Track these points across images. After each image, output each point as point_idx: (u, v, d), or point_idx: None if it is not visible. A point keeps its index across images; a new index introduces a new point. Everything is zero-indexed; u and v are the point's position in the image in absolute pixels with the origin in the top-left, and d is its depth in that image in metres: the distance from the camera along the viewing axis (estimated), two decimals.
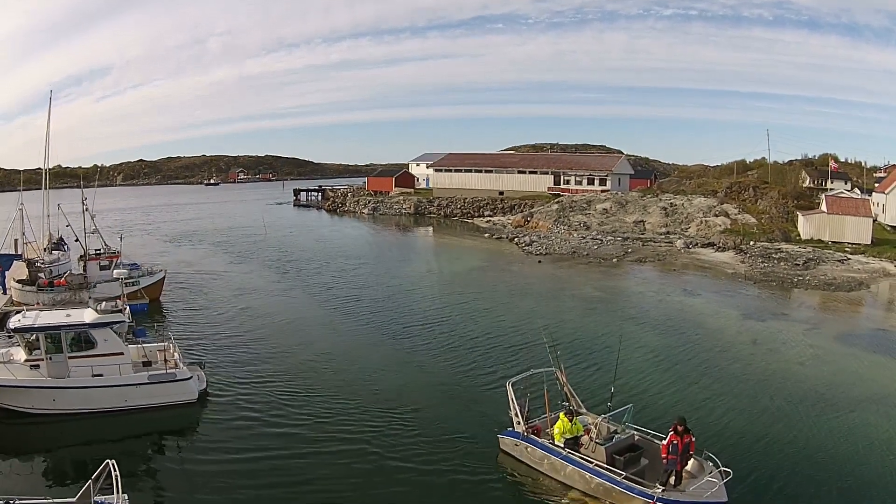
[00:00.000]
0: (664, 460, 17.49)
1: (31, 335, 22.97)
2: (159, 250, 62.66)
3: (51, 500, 14.67)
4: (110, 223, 75.42)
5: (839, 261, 53.61)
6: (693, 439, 17.48)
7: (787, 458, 20.86)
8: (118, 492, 13.90)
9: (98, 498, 14.32)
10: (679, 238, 66.79)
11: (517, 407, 20.97)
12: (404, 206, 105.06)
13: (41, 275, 38.99)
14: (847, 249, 57.84)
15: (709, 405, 25.15)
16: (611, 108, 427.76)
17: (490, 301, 42.81)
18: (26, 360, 22.85)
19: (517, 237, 73.28)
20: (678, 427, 17.32)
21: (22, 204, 43.22)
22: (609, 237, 69.03)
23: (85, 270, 40.62)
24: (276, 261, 59.52)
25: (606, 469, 18.29)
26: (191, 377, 24.39)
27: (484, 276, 53.32)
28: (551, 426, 20.28)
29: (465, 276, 53.91)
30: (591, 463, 18.61)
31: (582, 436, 19.60)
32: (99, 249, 41.94)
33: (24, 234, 43.74)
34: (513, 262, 60.70)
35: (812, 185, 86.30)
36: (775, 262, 54.55)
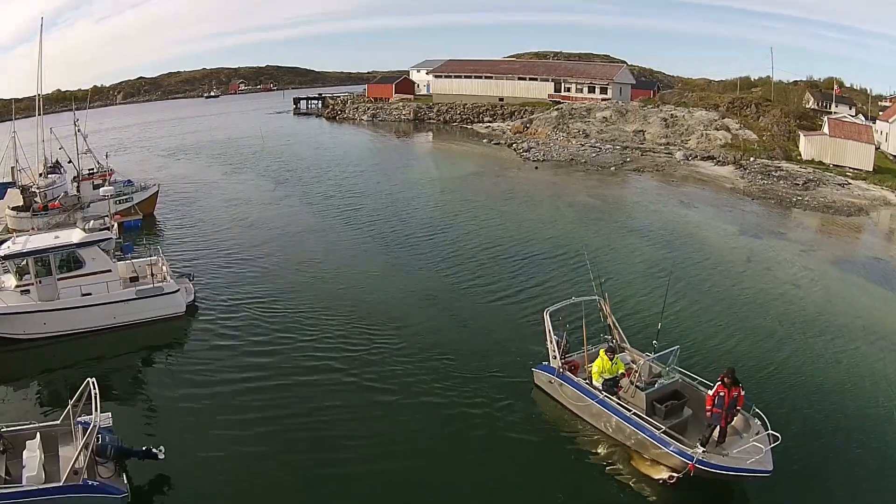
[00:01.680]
0: (708, 413, 15.98)
1: (21, 260, 23.06)
2: (156, 165, 62.51)
3: (37, 425, 15.36)
4: (109, 142, 74.89)
5: (839, 185, 52.85)
6: (742, 393, 15.88)
7: (776, 381, 20.67)
8: (97, 410, 14.46)
9: (80, 418, 15.03)
10: (679, 150, 65.92)
11: (554, 339, 19.38)
12: (403, 113, 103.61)
13: (36, 200, 39.06)
14: (848, 174, 56.83)
15: (712, 327, 24.70)
16: (616, 18, 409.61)
17: (488, 211, 42.83)
18: (17, 287, 23.12)
19: (515, 143, 72.64)
20: (725, 378, 15.70)
21: (14, 132, 42.91)
22: (608, 146, 68.24)
23: (78, 191, 40.69)
24: (272, 170, 59.38)
25: (644, 420, 16.62)
26: (178, 290, 24.79)
27: (481, 183, 53.32)
28: (590, 363, 18.75)
29: (462, 182, 53.99)
30: (629, 410, 16.99)
31: (622, 377, 17.95)
32: (92, 169, 41.87)
33: (17, 161, 43.58)
34: (510, 168, 60.51)
35: (816, 108, 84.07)
36: (775, 179, 53.99)
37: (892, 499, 15.91)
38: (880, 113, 77.28)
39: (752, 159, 61.22)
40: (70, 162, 42.33)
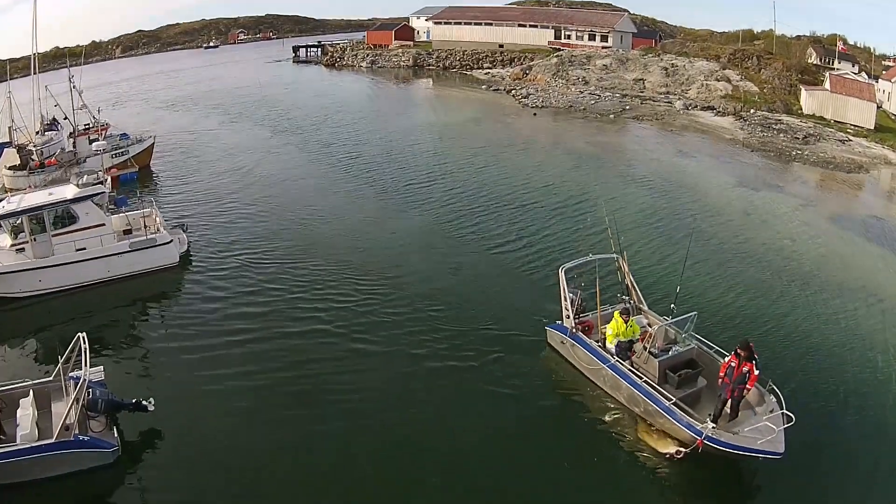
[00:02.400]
0: (720, 381, 15.49)
1: (16, 219, 23.23)
2: (153, 117, 62.11)
3: (30, 383, 15.73)
4: (107, 96, 74.31)
5: (840, 140, 52.18)
6: (756, 371, 15.02)
7: (770, 333, 20.62)
8: (86, 365, 14.83)
9: (72, 374, 15.41)
10: (678, 99, 65.18)
11: (568, 298, 18.59)
12: (403, 59, 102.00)
13: (33, 158, 38.99)
14: (849, 130, 56.05)
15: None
16: None
17: (487, 158, 42.88)
18: (12, 245, 23.28)
19: (514, 89, 71.99)
20: (739, 351, 15.12)
21: (10, 92, 42.69)
22: (607, 93, 67.50)
23: (74, 147, 40.53)
24: (270, 119, 59.07)
25: (655, 388, 15.99)
26: (171, 241, 25.12)
27: (479, 129, 53.25)
28: (604, 325, 18.08)
29: (460, 128, 53.96)
30: (641, 378, 16.35)
31: (636, 341, 17.23)
32: (88, 124, 41.82)
33: (13, 121, 43.48)
34: (508, 114, 60.21)
35: (819, 63, 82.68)
36: (775, 132, 53.43)
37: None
38: (883, 72, 76.26)
39: (752, 111, 60.57)
40: (66, 118, 42.21)
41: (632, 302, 19.19)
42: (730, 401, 15.48)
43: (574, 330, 18.49)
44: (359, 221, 30.24)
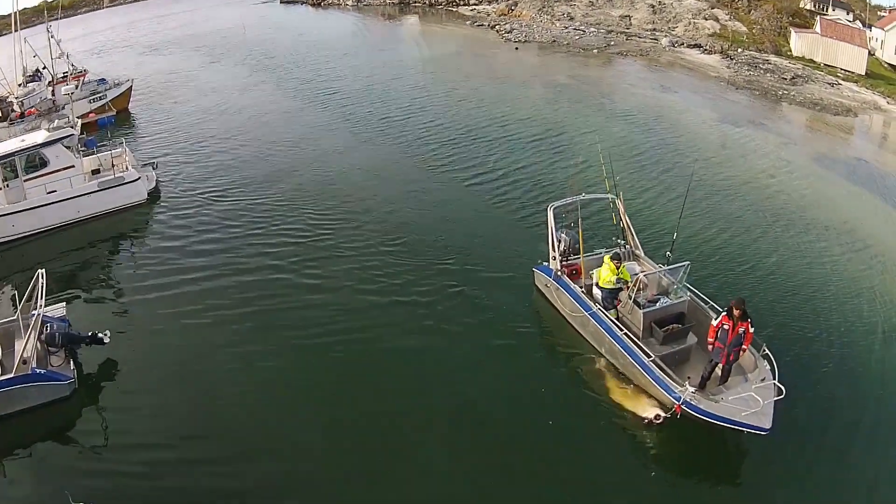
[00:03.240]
0: (709, 346, 14.28)
1: None
2: (135, 62, 61.38)
3: None
4: (90, 45, 73.29)
5: (829, 83, 51.37)
6: (751, 330, 13.99)
7: (739, 266, 20.61)
8: (41, 300, 15.57)
9: (34, 311, 15.87)
10: (665, 36, 64.14)
11: (555, 239, 17.67)
12: None
13: (13, 109, 39.29)
14: (839, 75, 55.02)
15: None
16: None
17: (464, 91, 42.72)
18: None
19: (498, 25, 70.66)
20: (734, 310, 13.81)
21: None
22: (592, 29, 66.34)
23: (53, 95, 40.84)
24: (251, 59, 58.48)
25: (636, 343, 14.89)
26: (139, 178, 25.74)
27: (458, 63, 53.01)
28: (593, 270, 16.95)
29: (440, 63, 53.38)
30: (622, 330, 15.28)
31: (625, 289, 16.02)
32: (66, 72, 42.02)
33: None
34: (490, 48, 59.88)
35: (812, 9, 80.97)
36: (762, 72, 52.71)
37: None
38: (877, 21, 74.89)
39: (739, 50, 59.74)
40: (45, 68, 42.34)
41: (628, 247, 18.19)
42: (722, 366, 14.34)
43: (559, 273, 17.54)
44: (334, 157, 30.44)
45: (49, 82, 41.77)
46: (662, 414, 14.13)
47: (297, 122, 36.59)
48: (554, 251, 17.74)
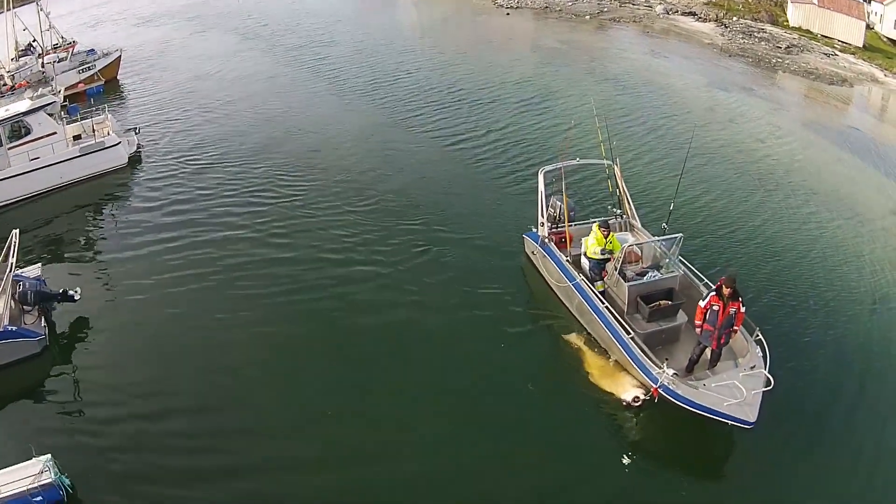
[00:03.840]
0: (697, 329, 13.31)
1: None
2: (127, 33, 61.14)
3: None
4: (86, 19, 73.20)
5: (825, 54, 50.82)
6: (742, 309, 13.06)
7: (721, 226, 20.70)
8: (13, 258, 16.01)
9: (9, 270, 16.35)
10: (659, 3, 63.36)
11: (545, 204, 17.07)
12: None
13: (5, 83, 39.42)
14: (836, 46, 54.33)
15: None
16: None
17: (453, 55, 42.62)
18: None
19: None
20: (724, 288, 12.77)
21: None
22: None
23: (43, 66, 41.06)
24: (243, 27, 57.68)
25: (616, 318, 14.07)
26: (119, 142, 26.21)
27: (448, 28, 53.27)
28: (583, 238, 16.03)
29: (431, 28, 53.41)
30: (603, 303, 14.50)
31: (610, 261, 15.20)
32: (57, 43, 42.28)
33: None
34: (481, 13, 59.44)
35: None
36: (756, 40, 52.33)
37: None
38: None
39: (734, 19, 59.15)
40: (35, 41, 42.50)
41: (625, 217, 17.45)
42: (712, 350, 13.47)
43: (546, 240, 16.89)
44: (321, 122, 30.46)
45: (38, 54, 41.72)
46: (641, 396, 13.44)
47: (285, 87, 36.63)
48: (542, 217, 17.17)
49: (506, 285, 17.79)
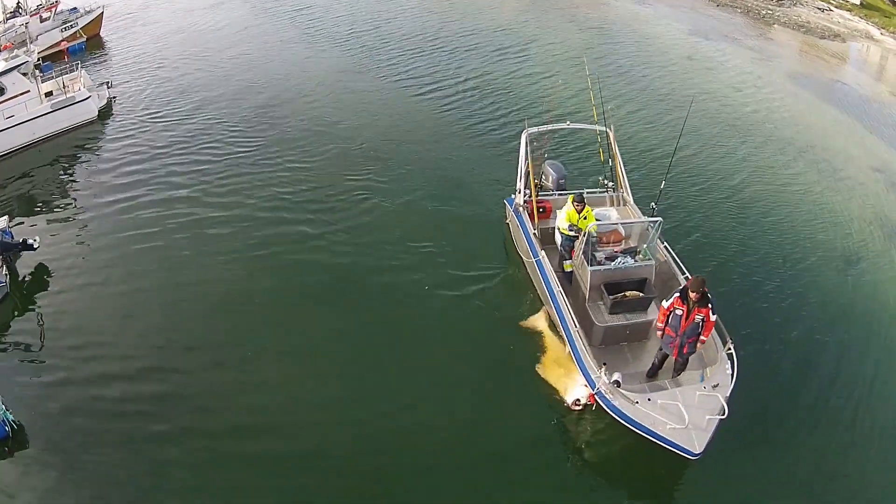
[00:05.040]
0: (658, 332, 11.82)
1: None
2: None
3: None
4: None
5: (819, 9, 49.19)
6: (713, 318, 11.31)
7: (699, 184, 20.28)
8: None
9: None
10: None
11: (524, 167, 15.56)
12: None
13: None
14: (832, 2, 52.10)
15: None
16: None
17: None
18: None
19: None
20: (690, 292, 11.10)
21: None
22: None
23: (27, 28, 41.23)
24: None
25: (567, 305, 12.70)
26: (88, 97, 26.73)
27: None
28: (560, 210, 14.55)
29: None
30: (559, 286, 13.32)
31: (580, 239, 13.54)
32: (40, 4, 42.05)
33: None
34: None
35: None
36: None
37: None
38: None
39: None
40: (20, 2, 42.53)
41: (619, 191, 15.91)
42: (674, 359, 11.84)
43: (521, 208, 15.59)
44: (306, 80, 30.34)
45: (31, 13, 41.72)
46: (582, 401, 11.98)
47: (264, 40, 36.78)
48: (520, 182, 15.76)
49: (479, 253, 17.09)
